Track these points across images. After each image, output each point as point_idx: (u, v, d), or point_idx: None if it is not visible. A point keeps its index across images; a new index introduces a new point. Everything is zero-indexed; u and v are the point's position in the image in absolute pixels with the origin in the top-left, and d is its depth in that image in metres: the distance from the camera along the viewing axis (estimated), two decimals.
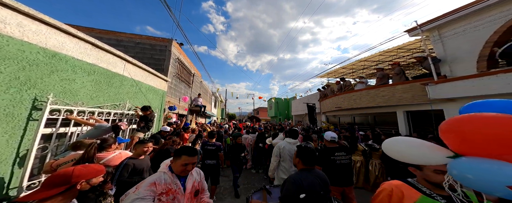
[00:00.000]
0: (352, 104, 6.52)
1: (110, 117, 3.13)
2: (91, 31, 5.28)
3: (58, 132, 2.23)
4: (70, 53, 2.27)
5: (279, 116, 21.19)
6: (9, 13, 1.64)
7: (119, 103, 3.43)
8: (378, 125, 6.19)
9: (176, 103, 6.86)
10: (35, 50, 1.86)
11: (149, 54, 5.87)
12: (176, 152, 1.28)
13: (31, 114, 1.91)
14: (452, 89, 3.79)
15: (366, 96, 5.92)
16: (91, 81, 2.68)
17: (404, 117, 5.13)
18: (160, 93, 5.17)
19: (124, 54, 3.45)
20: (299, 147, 1.43)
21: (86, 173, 1.03)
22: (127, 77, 3.62)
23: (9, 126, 1.73)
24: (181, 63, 7.19)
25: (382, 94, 5.36)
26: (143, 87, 4.24)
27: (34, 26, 1.82)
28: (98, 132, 2.42)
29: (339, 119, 8.55)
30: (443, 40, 4.34)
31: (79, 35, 2.32)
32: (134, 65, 3.87)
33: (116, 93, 3.31)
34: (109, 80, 3.10)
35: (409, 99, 4.66)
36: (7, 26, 1.61)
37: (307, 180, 1.21)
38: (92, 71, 2.68)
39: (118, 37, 5.62)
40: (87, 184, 1.05)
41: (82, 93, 2.55)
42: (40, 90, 1.97)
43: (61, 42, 2.14)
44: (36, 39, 1.86)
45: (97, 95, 2.84)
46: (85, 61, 2.54)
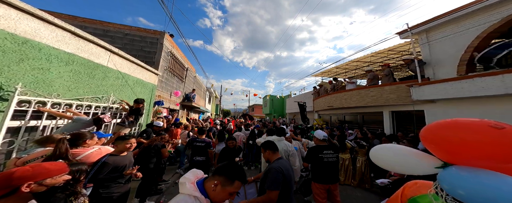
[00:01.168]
0: (343, 103, 6.66)
1: (90, 110, 2.99)
2: (74, 19, 4.94)
3: (29, 125, 2.09)
4: (44, 41, 2.12)
5: (274, 113, 21.30)
6: None
7: (102, 96, 3.28)
8: (366, 124, 6.37)
9: (167, 97, 6.69)
10: (1, 36, 1.70)
11: (139, 46, 5.64)
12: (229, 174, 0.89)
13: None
14: (433, 91, 3.98)
15: (356, 96, 6.07)
16: (69, 71, 2.53)
17: (389, 116, 5.35)
18: (149, 87, 5.00)
19: (109, 45, 3.28)
20: (262, 144, 1.69)
21: (32, 174, 0.91)
22: (112, 69, 3.46)
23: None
24: (173, 57, 6.99)
25: (371, 94, 5.52)
26: (130, 79, 4.08)
27: (2, 10, 1.66)
28: (77, 126, 2.29)
29: (331, 118, 8.78)
30: (430, 43, 4.49)
31: (55, 22, 2.16)
32: (121, 56, 3.70)
33: (98, 85, 3.15)
34: (91, 71, 2.95)
35: (394, 100, 4.85)
36: None
37: (285, 167, 1.45)
38: (70, 61, 2.53)
39: (105, 27, 5.33)
40: (39, 186, 0.93)
41: (58, 84, 2.40)
42: (7, 78, 1.83)
43: (34, 28, 1.98)
44: (3, 24, 1.70)
45: (76, 86, 2.69)
46: (63, 50, 2.39)
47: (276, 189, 1.33)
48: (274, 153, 1.60)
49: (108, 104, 3.38)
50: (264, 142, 1.69)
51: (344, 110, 7.23)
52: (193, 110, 11.63)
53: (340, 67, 8.69)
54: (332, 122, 8.56)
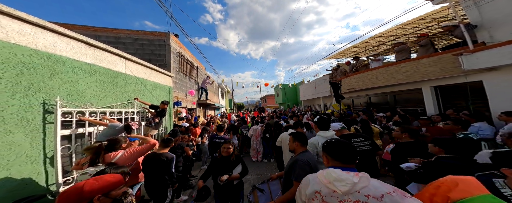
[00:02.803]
0: (367, 84, 5.93)
1: (121, 116, 3.18)
2: (87, 29, 5.14)
3: (77, 132, 2.30)
4: (64, 53, 2.21)
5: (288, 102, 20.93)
6: None
7: (129, 102, 3.45)
8: (400, 104, 5.57)
9: (183, 97, 6.89)
10: (27, 53, 1.80)
11: (149, 50, 5.76)
12: None
13: (45, 117, 1.95)
14: (492, 56, 3.25)
15: (383, 74, 5.34)
16: (94, 82, 2.66)
17: (431, 93, 4.53)
18: (166, 89, 5.16)
19: (122, 52, 3.35)
20: (293, 133, 1.64)
21: (100, 187, 0.97)
22: (130, 75, 3.59)
23: (27, 130, 1.77)
24: (182, 57, 7.05)
25: (403, 70, 4.77)
26: (148, 84, 4.22)
27: (16, 26, 1.73)
28: (113, 131, 2.47)
29: (353, 101, 7.98)
30: (478, 5, 3.64)
31: (67, 33, 2.22)
32: (135, 62, 3.80)
33: (122, 92, 3.31)
34: (113, 79, 3.07)
35: (437, 73, 4.10)
36: None
37: (312, 160, 1.41)
38: (93, 71, 2.64)
39: (116, 34, 5.49)
40: (106, 198, 0.98)
41: (89, 94, 2.55)
42: (46, 93, 1.97)
43: (51, 42, 2.06)
44: (24, 40, 1.78)
45: (104, 95, 2.85)
46: (83, 61, 2.49)
47: None
48: (302, 146, 1.55)
49: (135, 109, 3.57)
50: (296, 133, 1.65)
51: (369, 91, 6.46)
52: (208, 107, 11.97)
53: (358, 45, 7.83)
54: (356, 105, 7.77)
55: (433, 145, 1.52)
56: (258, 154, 4.89)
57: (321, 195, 0.86)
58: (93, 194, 0.93)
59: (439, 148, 1.47)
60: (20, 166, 1.70)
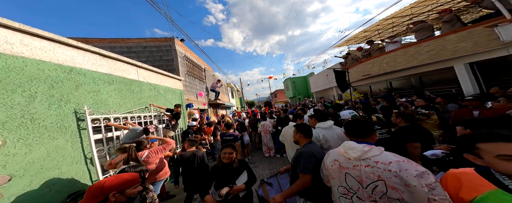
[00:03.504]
0: (385, 68, 5.55)
1: (141, 120, 3.44)
2: (102, 41, 5.55)
3: (107, 136, 2.57)
4: (83, 66, 2.44)
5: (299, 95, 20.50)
6: (8, 32, 1.71)
7: (145, 107, 3.72)
8: (428, 86, 5.01)
9: (194, 99, 7.17)
10: (52, 67, 2.03)
11: (158, 56, 6.06)
12: None
13: (79, 124, 2.20)
14: None
15: (403, 56, 4.97)
16: (113, 90, 2.91)
17: (467, 70, 4.03)
18: (177, 93, 5.41)
19: (133, 60, 3.59)
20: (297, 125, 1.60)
21: (117, 183, 1.05)
22: (144, 82, 3.84)
23: (67, 135, 2.03)
24: (189, 60, 7.30)
25: (426, 49, 4.40)
26: (160, 89, 4.47)
27: (37, 43, 1.94)
28: (135, 134, 2.72)
29: (371, 88, 7.38)
30: None
31: (82, 46, 2.44)
32: (146, 69, 4.04)
33: (139, 98, 3.56)
34: (129, 87, 3.32)
35: (470, 48, 3.64)
36: (13, 46, 1.73)
37: (317, 151, 1.38)
38: (111, 81, 2.89)
39: (128, 44, 5.87)
40: (121, 196, 1.05)
41: (111, 102, 2.80)
42: (76, 103, 2.22)
43: (70, 56, 2.28)
44: (47, 56, 2.00)
45: (124, 102, 3.10)
46: (101, 72, 2.73)
47: (309, 173, 1.27)
48: (306, 138, 1.50)
49: (152, 113, 3.84)
50: (300, 124, 1.59)
51: (388, 75, 6.02)
52: (219, 107, 12.28)
53: (369, 29, 7.37)
54: (374, 92, 7.20)
55: (462, 128, 1.39)
56: (270, 149, 4.88)
57: (338, 162, 1.07)
58: (111, 190, 1.01)
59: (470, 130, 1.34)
60: (68, 166, 1.96)
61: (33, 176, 1.68)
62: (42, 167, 1.76)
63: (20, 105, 1.68)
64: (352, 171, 1.00)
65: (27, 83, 1.76)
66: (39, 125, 1.79)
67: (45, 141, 1.82)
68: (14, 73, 1.68)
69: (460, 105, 2.91)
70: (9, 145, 1.56)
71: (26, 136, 1.68)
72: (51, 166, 1.83)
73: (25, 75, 1.76)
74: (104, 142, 2.51)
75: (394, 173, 0.87)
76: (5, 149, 1.54)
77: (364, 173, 0.95)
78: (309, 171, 1.27)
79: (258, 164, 4.38)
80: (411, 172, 0.84)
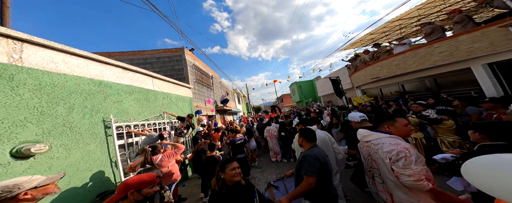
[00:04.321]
0: (394, 70, 5.49)
1: (156, 126, 3.71)
2: (123, 54, 6.10)
3: (128, 142, 2.83)
4: (109, 79, 2.76)
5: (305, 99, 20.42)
6: (53, 53, 2.04)
7: (159, 114, 4.00)
8: (445, 88, 4.79)
9: (203, 106, 7.46)
10: (86, 82, 2.34)
11: (170, 66, 6.48)
12: None
13: (106, 131, 2.48)
14: None
15: (413, 58, 4.92)
16: (133, 100, 3.21)
17: (487, 71, 3.85)
18: (187, 100, 5.72)
19: (149, 71, 3.93)
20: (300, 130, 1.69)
21: (136, 183, 1.18)
22: (158, 91, 4.16)
23: (97, 141, 2.30)
24: (197, 69, 7.69)
25: (437, 51, 4.34)
26: (173, 97, 4.78)
27: (75, 60, 2.26)
28: (151, 140, 2.96)
29: (381, 91, 7.16)
30: None
31: (109, 61, 2.77)
32: (160, 79, 4.37)
33: (155, 106, 3.86)
34: (146, 96, 3.63)
35: (485, 49, 3.58)
36: (57, 65, 2.05)
37: (321, 154, 1.45)
38: (131, 91, 3.20)
39: (144, 56, 6.38)
40: (138, 194, 1.15)
41: (131, 111, 3.09)
42: (103, 113, 2.51)
43: (99, 70, 2.61)
44: (82, 72, 2.32)
45: (142, 110, 3.40)
46: (124, 84, 3.05)
47: (313, 175, 1.31)
48: (309, 142, 1.56)
49: (165, 120, 4.11)
50: (303, 129, 1.66)
51: (398, 78, 5.87)
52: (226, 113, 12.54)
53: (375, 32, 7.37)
54: (385, 95, 6.98)
55: (473, 131, 1.32)
56: (276, 154, 4.90)
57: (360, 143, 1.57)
58: (131, 187, 1.14)
59: (481, 134, 1.27)
60: (97, 168, 2.21)
61: (71, 177, 1.93)
62: (77, 169, 2.01)
63: (62, 115, 1.97)
64: (362, 150, 1.50)
65: (67, 96, 2.07)
66: (76, 132, 2.07)
67: (80, 146, 2.08)
68: (58, 88, 1.99)
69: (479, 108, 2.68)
70: (54, 150, 1.83)
71: (66, 142, 1.95)
72: (84, 168, 2.08)
73: (66, 90, 2.06)
74: (126, 147, 2.76)
75: (376, 150, 1.27)
76: (51, 153, 1.80)
77: (364, 151, 1.44)
78: (313, 173, 1.31)
79: (265, 169, 4.46)
80: (385, 149, 1.19)
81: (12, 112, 1.58)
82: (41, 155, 1.72)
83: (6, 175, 1.50)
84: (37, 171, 1.67)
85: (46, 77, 1.89)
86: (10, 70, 1.60)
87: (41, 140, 1.74)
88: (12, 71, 1.61)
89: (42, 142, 1.74)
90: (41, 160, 1.72)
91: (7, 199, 0.91)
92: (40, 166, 1.71)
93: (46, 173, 1.72)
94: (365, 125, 1.98)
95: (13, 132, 1.57)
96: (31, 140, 1.67)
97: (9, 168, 1.52)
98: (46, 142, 1.77)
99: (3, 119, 1.53)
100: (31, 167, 1.65)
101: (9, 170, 1.52)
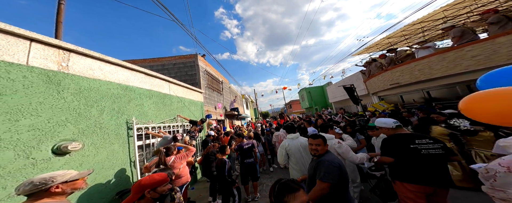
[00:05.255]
0: (418, 76, 5.11)
1: (170, 129, 3.89)
2: (144, 62, 6.64)
3: (146, 143, 3.00)
4: (134, 84, 3.00)
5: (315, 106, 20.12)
6: (92, 61, 2.31)
7: (173, 118, 4.20)
8: None
9: (213, 110, 7.66)
10: (115, 87, 2.58)
11: (184, 71, 6.82)
12: None
13: (128, 133, 2.67)
14: None
15: (440, 62, 4.59)
16: (152, 104, 3.43)
17: None
18: (199, 105, 5.93)
19: (166, 77, 4.19)
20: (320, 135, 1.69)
21: (150, 183, 1.25)
22: (173, 95, 4.39)
23: (120, 142, 2.49)
24: (209, 74, 7.99)
25: (470, 54, 4.03)
26: (186, 101, 5.00)
27: (108, 67, 2.52)
28: (165, 142, 3.12)
29: (402, 98, 6.66)
30: None
31: (134, 67, 3.03)
32: (176, 84, 4.62)
33: (170, 110, 4.07)
34: (163, 100, 3.85)
35: None
36: (94, 71, 2.31)
37: (340, 162, 1.45)
38: (150, 95, 3.43)
39: (162, 62, 6.85)
40: (154, 193, 1.24)
41: (150, 114, 3.30)
42: (127, 115, 2.72)
43: (126, 76, 2.86)
44: (112, 77, 2.57)
45: (159, 113, 3.60)
46: (145, 88, 3.28)
47: (329, 181, 1.31)
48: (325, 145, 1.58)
49: (178, 123, 4.29)
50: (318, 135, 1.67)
51: (422, 84, 5.45)
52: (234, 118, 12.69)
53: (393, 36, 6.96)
54: (407, 102, 6.49)
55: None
56: None
57: None
58: (146, 187, 1.22)
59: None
60: (119, 167, 2.38)
61: (97, 174, 2.09)
62: (103, 167, 2.17)
63: (94, 117, 2.18)
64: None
65: (100, 99, 2.29)
66: (104, 132, 2.26)
67: (107, 145, 2.26)
68: (93, 92, 2.22)
69: None
70: (85, 148, 2.02)
71: (96, 141, 2.14)
72: (108, 166, 2.25)
73: (99, 94, 2.29)
74: (144, 148, 2.93)
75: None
76: (83, 151, 1.99)
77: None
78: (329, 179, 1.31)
79: (273, 175, 4.46)
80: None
81: (57, 113, 1.80)
82: (75, 153, 1.91)
83: (46, 169, 1.68)
84: (71, 167, 1.85)
85: (85, 82, 2.12)
86: (58, 76, 1.84)
87: (76, 138, 1.93)
88: (59, 77, 1.85)
89: (77, 140, 1.93)
90: (75, 157, 1.91)
91: (41, 192, 0.97)
92: (73, 162, 1.89)
93: (77, 169, 1.90)
94: (401, 132, 1.82)
95: (56, 130, 1.78)
96: (69, 139, 1.87)
97: (49, 163, 1.71)
98: (80, 140, 1.96)
99: (49, 119, 1.74)
100: (66, 163, 1.83)
101: (49, 165, 1.71)
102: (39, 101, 1.67)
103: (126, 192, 2.28)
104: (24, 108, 1.57)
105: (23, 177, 1.52)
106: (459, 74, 4.40)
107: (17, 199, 1.42)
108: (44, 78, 1.72)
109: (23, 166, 1.53)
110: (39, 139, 1.65)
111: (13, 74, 1.52)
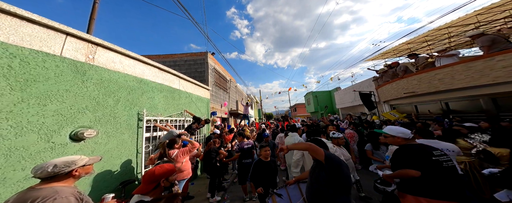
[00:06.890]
0: (437, 86, 4.74)
1: (177, 123, 4.00)
2: (158, 57, 6.90)
3: (153, 135, 3.10)
4: (148, 77, 3.11)
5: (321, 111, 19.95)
6: (114, 55, 2.43)
7: (181, 113, 4.30)
8: (506, 111, 4.03)
9: (218, 108, 7.76)
10: (131, 79, 2.69)
11: (193, 68, 6.96)
12: None
13: (138, 124, 2.78)
14: None
15: (464, 72, 4.23)
16: (162, 97, 3.54)
17: None
18: (205, 101, 6.03)
19: (178, 72, 4.30)
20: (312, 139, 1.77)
21: (163, 173, 1.30)
22: (182, 91, 4.50)
23: (130, 132, 2.59)
24: (217, 72, 8.10)
25: (501, 64, 3.67)
26: (193, 97, 5.11)
27: (127, 61, 2.64)
28: (171, 136, 3.21)
29: (416, 108, 6.28)
30: None
31: (149, 62, 3.14)
32: (186, 80, 4.73)
33: (178, 104, 4.17)
34: (172, 95, 3.96)
35: None
36: (115, 64, 2.42)
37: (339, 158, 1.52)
38: (162, 89, 3.54)
39: (174, 59, 7.06)
40: (167, 181, 1.33)
41: (160, 107, 3.41)
42: (139, 107, 2.82)
43: (142, 70, 2.97)
44: (130, 70, 2.68)
45: (168, 107, 3.71)
46: (157, 82, 3.39)
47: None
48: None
49: (184, 118, 4.40)
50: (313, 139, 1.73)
51: (440, 95, 5.09)
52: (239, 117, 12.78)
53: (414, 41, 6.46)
54: (422, 113, 6.10)
55: None
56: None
57: None
58: (161, 177, 1.27)
59: None
60: (126, 157, 2.48)
61: (105, 162, 2.19)
62: (111, 156, 2.28)
63: (110, 106, 2.29)
64: None
65: (117, 90, 2.40)
66: (117, 122, 2.37)
67: (118, 135, 2.37)
68: (112, 83, 2.33)
69: None
70: (99, 136, 2.12)
71: (109, 130, 2.25)
72: (116, 155, 2.35)
73: (117, 85, 2.40)
74: (151, 140, 3.04)
75: None
76: (96, 139, 2.10)
77: None
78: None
79: None
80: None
81: (79, 101, 1.91)
82: (89, 140, 2.01)
83: (61, 154, 1.78)
84: (84, 153, 1.95)
85: (106, 74, 2.23)
86: (84, 67, 1.95)
87: (92, 126, 2.04)
88: (85, 68, 1.96)
89: (92, 128, 2.03)
90: (88, 144, 2.01)
91: (62, 174, 1.01)
92: (86, 149, 1.99)
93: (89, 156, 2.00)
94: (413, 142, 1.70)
95: (76, 117, 1.88)
96: (86, 126, 1.97)
97: (66, 148, 1.81)
98: (95, 128, 2.06)
99: (72, 105, 1.85)
100: (80, 149, 1.94)
101: (65, 150, 1.81)
102: (65, 89, 1.78)
103: (129, 182, 2.36)
104: (52, 94, 1.68)
105: (41, 159, 1.62)
106: (485, 85, 4.02)
107: (30, 181, 1.50)
108: (73, 68, 1.84)
109: (43, 149, 1.64)
110: (61, 124, 1.76)
111: (48, 63, 1.64)
